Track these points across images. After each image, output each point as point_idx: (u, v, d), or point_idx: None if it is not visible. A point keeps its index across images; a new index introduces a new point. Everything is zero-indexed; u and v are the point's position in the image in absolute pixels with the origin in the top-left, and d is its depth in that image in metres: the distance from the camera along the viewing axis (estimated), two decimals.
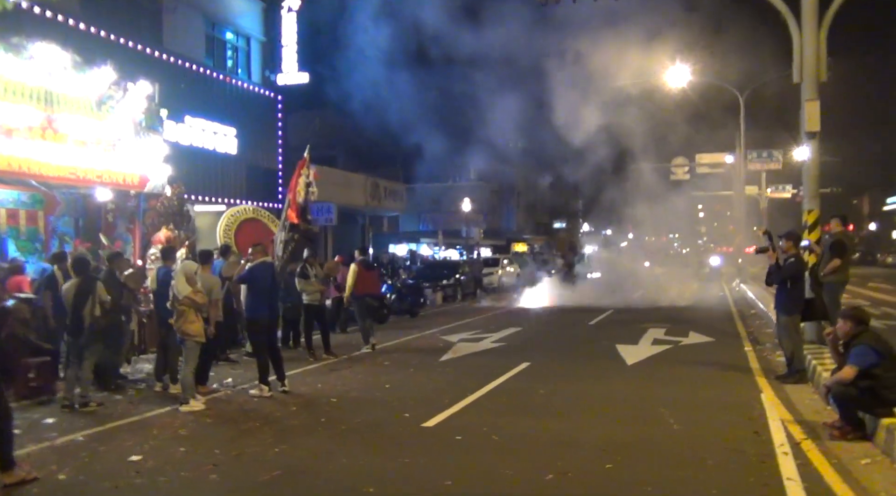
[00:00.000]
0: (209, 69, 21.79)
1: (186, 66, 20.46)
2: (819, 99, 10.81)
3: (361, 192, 33.04)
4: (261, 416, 7.70)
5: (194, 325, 8.02)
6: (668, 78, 29.00)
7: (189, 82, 20.59)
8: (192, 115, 20.24)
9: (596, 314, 18.81)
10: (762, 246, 9.65)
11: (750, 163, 35.79)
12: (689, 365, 10.71)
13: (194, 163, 20.15)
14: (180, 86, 19.89)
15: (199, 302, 8.04)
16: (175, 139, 19.27)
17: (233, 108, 22.41)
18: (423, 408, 7.92)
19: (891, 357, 6.32)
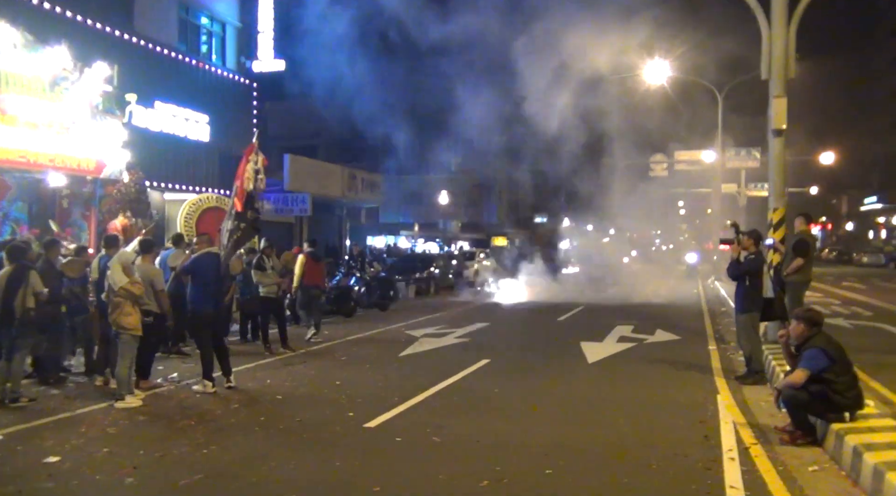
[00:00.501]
0: (181, 54, 21.27)
1: (157, 50, 19.96)
2: (787, 96, 10.63)
3: (338, 182, 32.58)
4: (198, 414, 7.40)
5: (130, 318, 7.69)
6: (648, 74, 28.91)
7: (160, 67, 20.09)
8: (162, 100, 19.70)
9: (567, 310, 18.63)
10: (726, 237, 9.45)
11: (728, 161, 35.81)
12: (651, 364, 10.52)
13: (165, 149, 19.68)
14: (150, 70, 19.43)
15: (136, 293, 7.70)
16: (145, 125, 18.82)
17: (206, 94, 21.90)
18: (370, 406, 7.66)
19: (842, 361, 6.14)
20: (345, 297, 17.28)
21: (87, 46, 15.47)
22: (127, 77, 17.26)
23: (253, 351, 11.69)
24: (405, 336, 13.63)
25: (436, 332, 14.08)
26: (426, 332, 14.04)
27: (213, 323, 8.58)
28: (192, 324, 8.92)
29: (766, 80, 10.89)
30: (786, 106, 10.59)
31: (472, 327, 14.95)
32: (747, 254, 9.10)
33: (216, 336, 8.69)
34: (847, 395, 6.05)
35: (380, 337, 13.64)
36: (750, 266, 9.04)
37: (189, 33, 23.42)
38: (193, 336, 9.25)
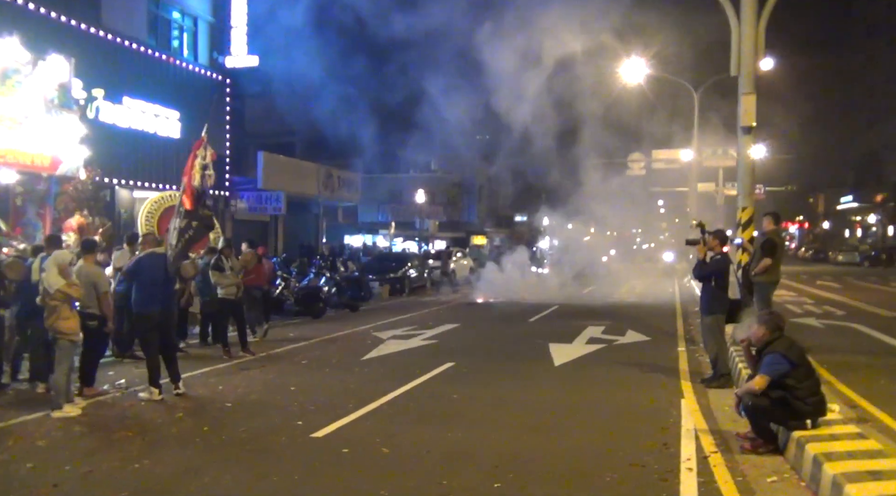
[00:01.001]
0: (151, 48, 20.81)
1: (125, 45, 19.50)
2: (756, 93, 10.45)
3: (314, 181, 32.19)
4: (138, 424, 7.05)
5: (67, 322, 7.32)
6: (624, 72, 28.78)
7: (128, 62, 19.65)
8: (130, 96, 19.31)
9: (540, 310, 18.40)
10: (692, 237, 9.25)
11: (705, 159, 35.81)
12: (617, 366, 10.30)
13: (134, 146, 19.26)
14: (118, 65, 19.00)
15: (73, 295, 7.33)
16: (112, 121, 18.42)
17: (177, 90, 21.46)
18: (322, 414, 7.35)
19: (803, 365, 5.92)
20: (313, 298, 16.93)
21: (49, 39, 15.07)
22: (94, 72, 16.90)
23: (211, 354, 11.34)
24: (372, 338, 13.31)
25: (403, 334, 13.79)
26: (393, 334, 13.73)
27: (160, 326, 8.21)
28: (137, 326, 8.55)
29: (736, 76, 10.69)
30: (755, 103, 10.41)
31: (441, 328, 14.66)
32: (713, 254, 8.89)
33: (164, 340, 8.31)
34: (809, 402, 5.83)
35: (345, 339, 13.31)
36: (716, 266, 8.86)
37: (160, 28, 22.96)
38: (139, 339, 8.86)
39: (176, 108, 21.11)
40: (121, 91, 18.74)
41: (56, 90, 13.37)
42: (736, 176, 38.99)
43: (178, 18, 24.08)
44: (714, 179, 41.68)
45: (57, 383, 7.33)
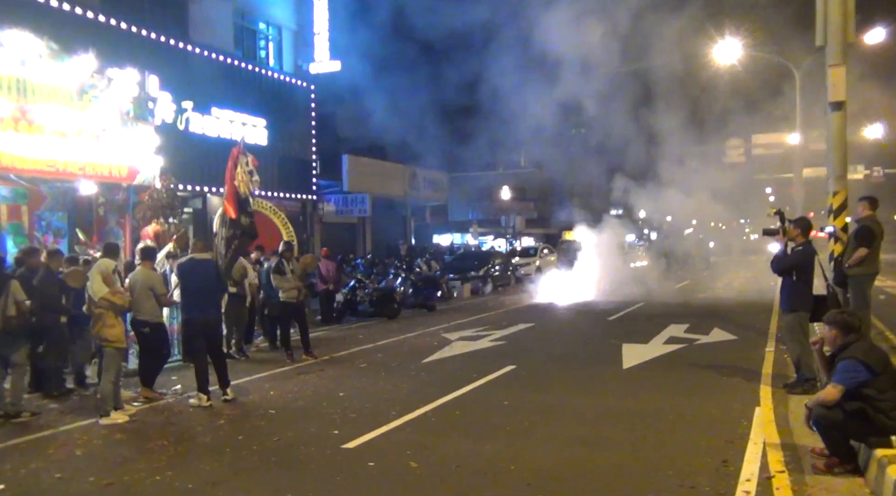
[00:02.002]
0: (237, 59, 21.43)
1: (212, 57, 20.16)
2: (846, 64, 9.36)
3: (399, 181, 32.36)
4: (177, 432, 6.98)
5: (113, 330, 7.37)
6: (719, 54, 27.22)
7: (216, 73, 20.28)
8: (219, 106, 19.93)
9: (623, 307, 17.54)
10: (770, 227, 8.35)
11: (812, 142, 33.39)
12: (693, 369, 9.50)
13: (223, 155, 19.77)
14: (206, 77, 19.62)
15: (118, 303, 7.37)
16: (202, 131, 19.07)
17: (263, 98, 22.01)
18: (361, 423, 7.07)
19: (886, 373, 5.09)
20: (387, 299, 16.78)
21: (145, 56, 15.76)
22: (182, 84, 17.49)
23: (276, 358, 11.33)
24: (440, 339, 12.98)
25: (473, 335, 13.38)
26: (462, 335, 13.35)
27: (205, 332, 8.16)
28: (182, 332, 8.56)
29: (822, 47, 9.63)
30: (844, 76, 9.33)
31: (514, 329, 14.16)
32: (794, 245, 7.99)
33: (211, 346, 8.26)
34: (893, 415, 5.00)
35: (412, 341, 13.04)
36: (797, 259, 7.93)
37: (245, 39, 23.65)
38: (185, 345, 8.87)
39: (262, 116, 21.63)
40: (209, 102, 19.34)
41: (131, 103, 13.77)
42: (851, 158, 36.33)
43: (264, 29, 24.70)
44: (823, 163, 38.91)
45: (103, 390, 7.39)
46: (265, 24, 24.59)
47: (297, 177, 23.94)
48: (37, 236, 13.01)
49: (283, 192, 22.89)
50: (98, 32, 15.70)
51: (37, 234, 13.01)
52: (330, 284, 15.54)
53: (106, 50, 13.83)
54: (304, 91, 24.65)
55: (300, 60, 25.35)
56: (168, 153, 15.44)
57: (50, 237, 14.00)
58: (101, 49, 13.53)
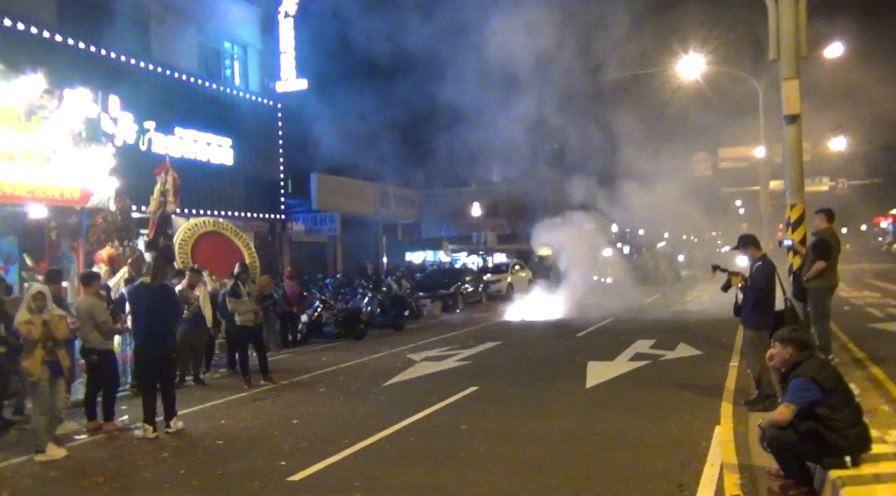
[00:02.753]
0: (201, 79, 21.13)
1: (176, 77, 19.85)
2: (799, 77, 9.38)
3: (369, 199, 32.10)
4: (116, 468, 6.66)
5: (27, 360, 6.95)
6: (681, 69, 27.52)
7: (179, 93, 19.97)
8: (182, 126, 19.61)
9: (592, 323, 17.42)
10: (725, 282, 8.10)
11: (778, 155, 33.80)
12: (656, 386, 9.37)
13: (187, 175, 19.44)
14: (169, 97, 19.30)
15: (25, 332, 6.96)
16: (164, 151, 18.66)
17: (228, 117, 21.70)
18: (311, 453, 6.81)
19: (839, 391, 4.97)
20: (353, 319, 16.51)
21: (104, 76, 15.44)
22: (145, 104, 17.20)
23: (234, 384, 11.01)
24: (404, 360, 12.74)
25: (439, 355, 13.16)
26: (428, 355, 13.12)
27: (156, 360, 7.84)
28: (135, 360, 8.25)
29: (776, 60, 9.65)
30: (798, 89, 9.34)
31: (481, 347, 13.95)
32: (752, 260, 7.88)
33: (162, 375, 7.94)
34: (847, 434, 4.87)
35: (375, 362, 12.77)
36: (763, 279, 7.70)
37: (210, 58, 23.39)
38: (136, 373, 8.54)
39: (228, 136, 21.33)
40: (172, 122, 19.03)
41: (83, 123, 13.43)
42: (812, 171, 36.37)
43: (229, 48, 24.47)
44: None
45: (34, 424, 7.03)
46: (230, 43, 24.39)
47: (265, 196, 23.62)
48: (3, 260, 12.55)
49: (250, 211, 22.55)
50: (53, 52, 15.36)
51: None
52: (294, 306, 15.24)
53: (62, 70, 13.56)
54: (270, 110, 24.44)
55: (266, 79, 25.14)
56: (129, 174, 15.08)
57: (0, 262, 13.57)
58: (56, 69, 13.24)
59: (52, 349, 6.98)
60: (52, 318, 7.08)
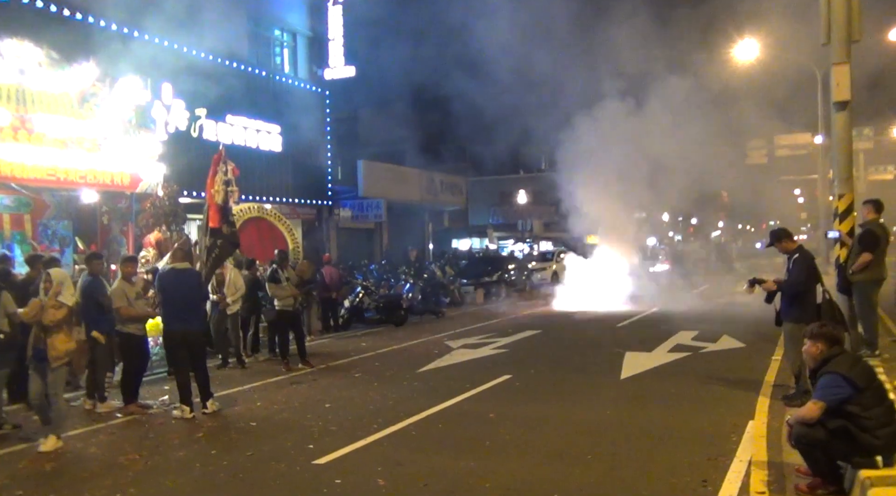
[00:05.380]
0: (251, 67, 21.45)
1: (227, 65, 20.19)
2: (850, 62, 9.01)
3: (416, 186, 32.16)
4: (152, 445, 6.87)
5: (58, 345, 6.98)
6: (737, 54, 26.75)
7: (230, 81, 20.27)
8: (233, 113, 19.97)
9: (635, 313, 17.19)
10: (766, 296, 7.84)
11: None
12: (693, 379, 9.19)
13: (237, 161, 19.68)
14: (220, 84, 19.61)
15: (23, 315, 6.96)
16: (215, 138, 19.08)
17: (277, 104, 21.98)
18: (339, 437, 6.91)
19: (871, 389, 4.79)
20: (394, 306, 16.63)
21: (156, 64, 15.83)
22: (196, 92, 17.57)
23: (273, 368, 11.22)
24: (441, 347, 12.80)
25: (476, 342, 13.17)
26: (465, 343, 13.14)
27: (188, 344, 8.05)
28: (164, 344, 8.45)
29: (826, 45, 9.28)
30: (848, 74, 8.97)
31: (519, 336, 13.91)
32: (789, 254, 7.64)
33: (194, 358, 8.15)
34: (879, 433, 4.70)
35: (413, 348, 12.86)
36: (803, 271, 7.45)
37: (260, 46, 23.68)
38: (167, 357, 8.76)
39: (277, 123, 21.61)
40: (223, 109, 19.36)
41: (134, 110, 13.79)
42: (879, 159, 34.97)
43: (279, 35, 24.74)
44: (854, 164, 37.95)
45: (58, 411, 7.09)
46: (280, 30, 24.65)
47: (313, 183, 23.89)
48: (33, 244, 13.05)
49: (298, 198, 22.88)
50: (106, 41, 15.76)
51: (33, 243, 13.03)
52: (333, 292, 15.42)
53: (115, 58, 13.87)
54: (318, 97, 24.62)
55: (314, 66, 25.34)
56: (181, 160, 15.52)
57: (56, 245, 14.10)
58: (109, 57, 13.62)
59: (39, 335, 6.90)
60: (47, 304, 6.91)
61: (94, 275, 8.38)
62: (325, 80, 24.97)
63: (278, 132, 21.75)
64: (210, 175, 8.52)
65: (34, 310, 6.84)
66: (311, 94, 24.26)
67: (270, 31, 24.30)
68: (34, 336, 6.91)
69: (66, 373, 7.22)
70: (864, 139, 32.12)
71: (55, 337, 6.82)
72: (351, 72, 25.38)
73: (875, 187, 42.66)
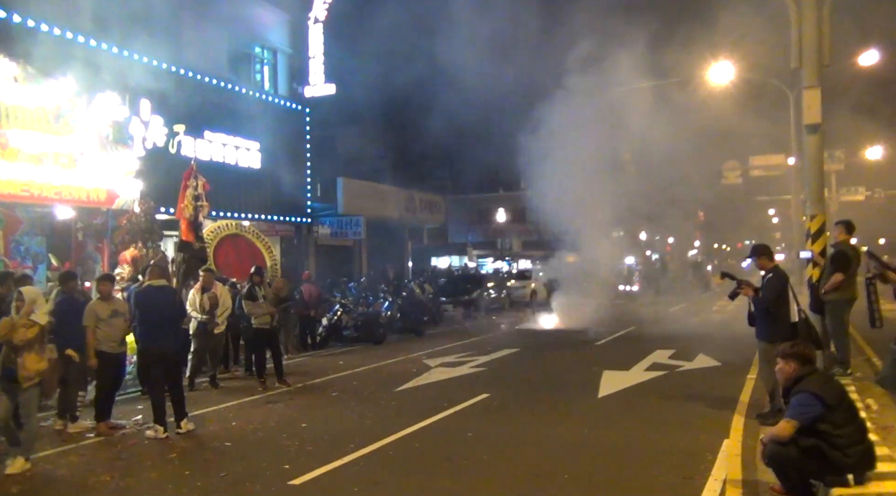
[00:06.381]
0: (230, 83, 21.37)
1: (206, 81, 20.08)
2: (821, 86, 9.21)
3: (395, 204, 32.18)
4: (124, 467, 6.76)
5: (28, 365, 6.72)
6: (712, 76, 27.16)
7: (208, 97, 20.21)
8: (212, 129, 19.86)
9: (613, 332, 17.27)
10: (732, 290, 7.98)
11: None
12: (669, 398, 9.25)
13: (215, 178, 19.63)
14: (199, 101, 19.56)
15: None
16: (193, 154, 18.96)
17: (257, 121, 21.84)
18: (315, 457, 6.85)
19: (842, 407, 4.86)
20: (373, 324, 16.57)
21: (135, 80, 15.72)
22: (175, 108, 17.48)
23: (249, 386, 11.11)
24: (420, 365, 12.76)
25: (455, 361, 13.14)
26: (444, 361, 13.12)
27: (164, 363, 7.95)
28: (139, 362, 8.34)
29: (796, 68, 9.49)
30: (819, 98, 9.17)
31: (497, 354, 13.92)
32: (764, 273, 7.75)
33: (170, 377, 8.05)
34: (850, 452, 4.77)
35: (391, 367, 12.80)
36: (775, 290, 7.58)
37: (241, 62, 23.64)
38: (142, 375, 8.65)
39: (256, 139, 21.51)
40: (202, 125, 19.26)
41: (111, 126, 13.69)
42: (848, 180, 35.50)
43: (259, 52, 24.73)
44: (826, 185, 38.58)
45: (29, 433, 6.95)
46: (261, 48, 24.65)
47: (292, 200, 23.80)
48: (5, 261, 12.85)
49: (277, 215, 22.78)
50: (85, 56, 15.66)
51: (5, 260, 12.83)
52: (311, 310, 15.34)
53: (93, 74, 13.78)
54: (298, 114, 24.60)
55: (295, 84, 25.36)
56: (159, 177, 15.34)
57: (29, 262, 13.89)
58: (87, 73, 13.53)
59: (10, 355, 6.72)
60: (18, 323, 6.75)
61: (69, 294, 8.27)
62: (305, 97, 24.99)
63: (257, 149, 21.67)
64: (181, 190, 8.47)
65: (5, 329, 6.71)
66: (290, 112, 24.25)
67: (251, 48, 24.29)
68: (4, 355, 6.77)
69: (38, 394, 7.09)
70: (835, 161, 32.70)
71: (26, 356, 6.69)
72: (331, 90, 25.43)
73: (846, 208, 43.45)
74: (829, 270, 8.65)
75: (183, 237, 8.19)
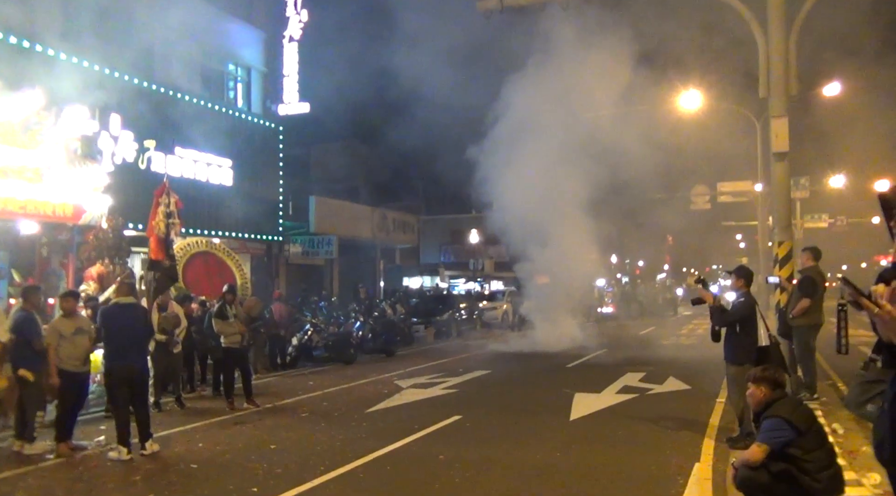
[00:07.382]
0: (202, 100, 21.17)
1: (178, 97, 19.87)
2: (787, 115, 9.42)
3: (368, 224, 32.09)
4: (85, 489, 6.58)
5: None
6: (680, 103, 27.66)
7: (180, 113, 19.99)
8: (183, 146, 19.63)
9: (584, 354, 17.33)
10: (696, 296, 8.13)
11: None
12: (640, 420, 9.27)
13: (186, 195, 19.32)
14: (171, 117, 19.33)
15: None
16: (164, 171, 18.70)
17: (229, 139, 21.63)
18: (284, 480, 6.72)
19: (812, 432, 4.91)
20: (343, 344, 16.43)
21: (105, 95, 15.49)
22: (146, 124, 17.27)
23: (217, 407, 10.90)
24: (391, 386, 12.65)
25: (426, 382, 13.06)
26: (415, 382, 13.03)
27: (130, 382, 7.77)
28: (105, 381, 8.15)
29: (765, 98, 9.70)
30: (787, 127, 9.38)
31: (469, 376, 13.87)
32: (738, 294, 7.86)
33: (136, 397, 7.86)
34: (819, 477, 4.80)
35: (362, 388, 12.68)
36: (741, 311, 7.76)
37: (213, 79, 23.49)
38: (108, 394, 8.45)
39: (228, 156, 21.29)
40: (173, 141, 19.04)
41: (79, 140, 13.49)
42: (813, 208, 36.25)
43: (233, 70, 24.62)
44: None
45: None
46: (234, 65, 24.55)
47: (263, 218, 23.55)
48: None
49: (248, 233, 22.52)
50: (52, 69, 15.43)
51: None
52: (281, 329, 15.16)
53: (63, 87, 13.57)
54: (272, 132, 24.45)
55: (269, 102, 25.27)
56: (128, 192, 15.12)
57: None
58: (57, 86, 13.33)
59: None
60: None
61: (27, 311, 8.07)
62: (278, 115, 24.87)
63: (229, 166, 21.46)
64: (153, 207, 8.35)
65: None
66: (264, 130, 24.09)
67: (224, 65, 24.18)
68: None
69: None
70: (800, 188, 33.40)
71: None
72: (305, 108, 25.35)
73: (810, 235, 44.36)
74: (797, 296, 8.79)
75: (152, 255, 8.04)
